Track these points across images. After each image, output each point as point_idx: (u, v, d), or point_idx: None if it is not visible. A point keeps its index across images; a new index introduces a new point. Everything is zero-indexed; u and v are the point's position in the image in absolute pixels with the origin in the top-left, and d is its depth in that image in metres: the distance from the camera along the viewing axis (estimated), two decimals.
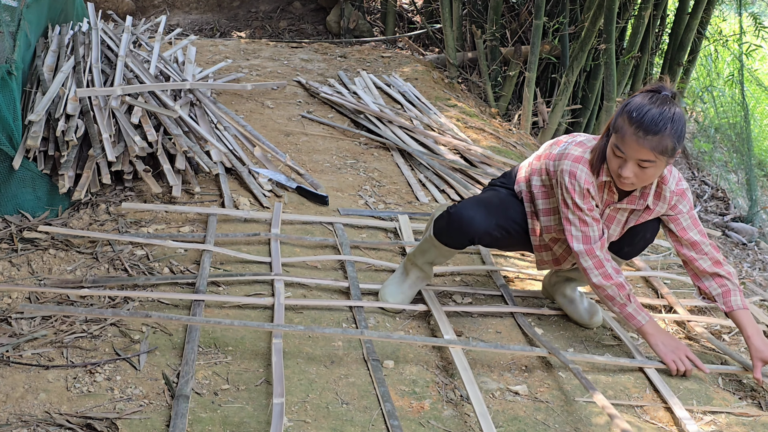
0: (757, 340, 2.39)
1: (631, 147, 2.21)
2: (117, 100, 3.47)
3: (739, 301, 2.42)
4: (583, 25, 5.51)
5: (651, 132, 2.17)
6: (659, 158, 2.21)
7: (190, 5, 7.75)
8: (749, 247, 6.07)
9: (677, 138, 2.20)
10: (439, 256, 2.62)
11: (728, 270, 2.45)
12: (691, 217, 2.44)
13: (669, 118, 2.18)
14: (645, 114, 2.18)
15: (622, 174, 2.24)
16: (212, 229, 3.10)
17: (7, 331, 2.35)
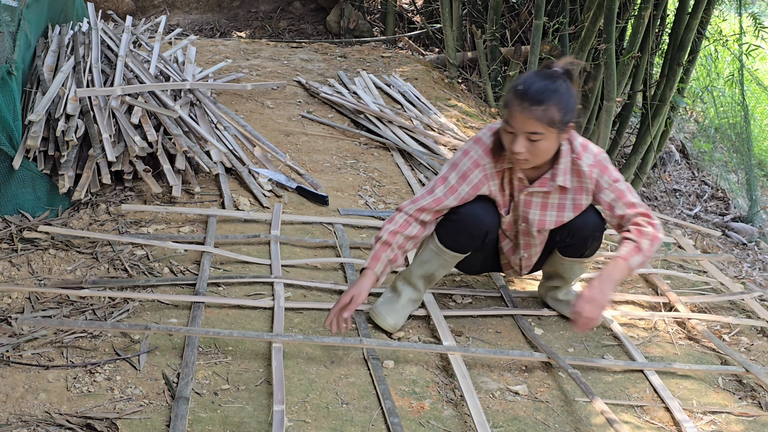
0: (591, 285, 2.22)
1: (517, 119, 2.20)
2: (117, 100, 3.47)
3: (624, 252, 2.27)
4: (583, 25, 5.51)
5: (535, 102, 2.17)
6: (548, 130, 2.20)
7: (190, 5, 7.75)
8: (749, 247, 6.07)
9: (564, 110, 2.20)
10: (441, 267, 2.55)
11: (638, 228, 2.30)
12: (615, 190, 2.36)
13: (554, 89, 2.18)
14: (530, 86, 2.19)
15: (514, 149, 2.23)
16: (212, 230, 3.10)
17: (7, 331, 2.35)
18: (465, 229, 2.45)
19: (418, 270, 2.57)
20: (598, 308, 2.18)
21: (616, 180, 2.37)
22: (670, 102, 6.07)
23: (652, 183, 7.03)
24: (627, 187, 2.38)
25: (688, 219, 6.42)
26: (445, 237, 2.48)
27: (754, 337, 2.87)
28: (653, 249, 2.28)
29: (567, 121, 2.23)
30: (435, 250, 2.52)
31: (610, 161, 2.41)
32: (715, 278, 3.30)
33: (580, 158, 2.35)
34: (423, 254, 2.56)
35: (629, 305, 2.98)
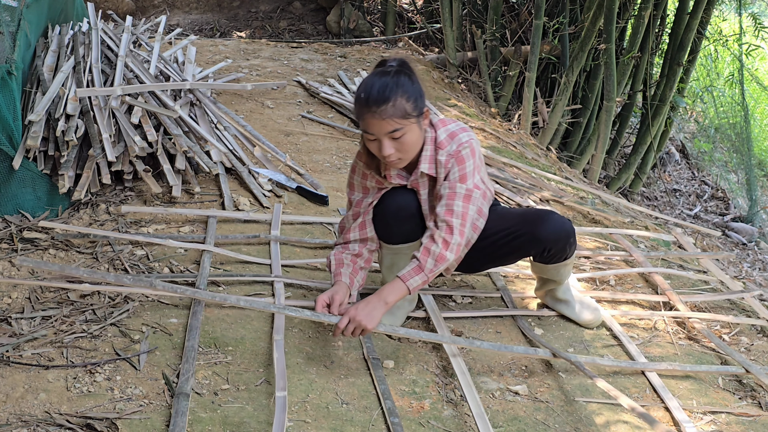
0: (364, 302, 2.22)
1: (373, 125, 2.18)
2: (117, 100, 3.47)
3: (405, 272, 2.26)
4: (583, 25, 5.51)
5: (382, 102, 2.15)
6: (405, 122, 2.18)
7: (190, 5, 7.75)
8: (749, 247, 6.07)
9: (412, 98, 2.18)
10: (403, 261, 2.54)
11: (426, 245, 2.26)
12: (452, 188, 2.29)
13: (394, 83, 2.17)
14: (371, 90, 2.17)
15: (385, 153, 2.21)
16: (212, 230, 3.10)
17: (7, 331, 2.35)
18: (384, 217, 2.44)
19: (390, 274, 2.57)
20: (358, 329, 2.20)
21: (463, 179, 2.29)
22: (670, 102, 6.08)
23: (652, 183, 7.03)
24: (465, 192, 2.29)
25: (688, 219, 6.42)
26: (380, 233, 2.49)
27: (754, 336, 2.87)
28: (437, 270, 2.26)
29: (420, 108, 2.22)
30: (385, 250, 2.54)
31: (474, 155, 2.32)
32: (715, 276, 3.30)
33: (443, 147, 2.32)
34: (384, 260, 2.57)
35: (629, 305, 2.98)
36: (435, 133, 2.33)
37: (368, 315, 2.20)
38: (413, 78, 2.23)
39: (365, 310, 2.20)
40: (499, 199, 3.91)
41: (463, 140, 2.32)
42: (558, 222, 2.49)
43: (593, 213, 3.99)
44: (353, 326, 2.20)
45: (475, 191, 2.30)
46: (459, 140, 2.32)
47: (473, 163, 2.31)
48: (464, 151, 2.31)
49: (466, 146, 2.31)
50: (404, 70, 2.24)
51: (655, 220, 4.48)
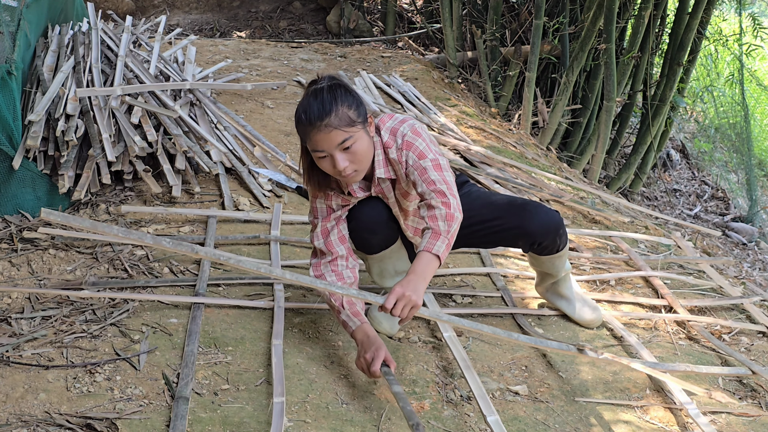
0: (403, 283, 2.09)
1: (322, 141, 2.14)
2: (117, 100, 3.47)
3: (425, 243, 2.16)
4: (583, 25, 5.51)
5: (324, 116, 2.12)
6: (352, 130, 2.15)
7: (190, 5, 7.75)
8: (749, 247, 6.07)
9: (353, 105, 2.16)
10: (390, 264, 2.54)
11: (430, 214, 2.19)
12: (418, 168, 2.23)
13: (331, 97, 2.14)
14: (310, 108, 2.14)
15: (339, 167, 2.16)
16: (212, 230, 3.10)
17: (7, 331, 2.35)
18: (359, 232, 2.43)
19: (381, 280, 2.57)
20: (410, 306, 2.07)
21: (422, 156, 2.24)
22: (670, 102, 6.08)
23: (652, 183, 7.03)
24: (432, 164, 2.23)
25: (688, 219, 6.42)
26: (359, 247, 2.47)
27: (754, 337, 2.87)
28: (452, 230, 2.17)
29: (363, 114, 2.19)
30: (370, 261, 2.52)
31: (420, 134, 2.28)
32: (715, 281, 3.29)
33: (390, 146, 2.28)
34: (372, 269, 2.56)
35: (629, 306, 2.98)
36: (380, 136, 2.30)
37: (415, 291, 2.07)
38: (349, 88, 2.20)
39: (410, 287, 2.07)
40: None
41: (405, 131, 2.28)
42: (546, 215, 2.47)
43: (593, 213, 3.99)
44: (403, 304, 2.05)
45: (440, 158, 2.26)
46: (401, 133, 2.28)
47: (422, 141, 2.26)
48: (409, 137, 2.26)
49: (408, 133, 2.27)
50: (336, 83, 2.20)
51: (655, 220, 4.48)
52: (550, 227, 2.46)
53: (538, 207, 2.49)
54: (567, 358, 2.53)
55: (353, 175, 2.21)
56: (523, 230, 2.46)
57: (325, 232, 2.38)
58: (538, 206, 2.49)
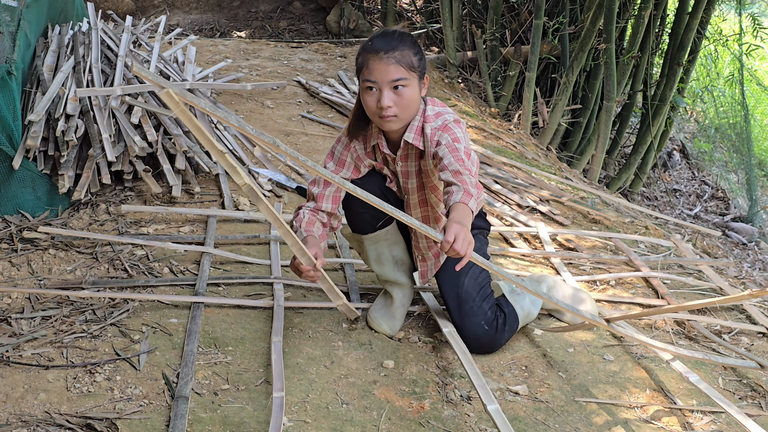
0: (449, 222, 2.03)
1: (378, 70, 2.20)
2: (117, 100, 3.47)
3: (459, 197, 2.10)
4: (583, 25, 5.52)
5: (390, 49, 2.19)
6: (410, 74, 2.21)
7: (190, 5, 7.75)
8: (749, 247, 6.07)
9: (418, 53, 2.23)
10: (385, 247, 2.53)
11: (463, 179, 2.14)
12: (450, 147, 2.22)
13: (399, 35, 2.23)
14: (377, 38, 2.23)
15: (383, 104, 2.20)
16: (212, 230, 3.10)
17: (7, 331, 2.35)
18: (352, 206, 2.45)
19: (379, 267, 2.55)
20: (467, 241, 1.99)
21: (456, 140, 2.25)
22: (670, 102, 6.08)
23: (652, 183, 7.03)
24: (465, 151, 2.23)
25: (688, 219, 6.42)
26: (354, 226, 2.50)
27: (754, 337, 2.87)
28: (479, 198, 2.13)
29: (423, 68, 2.25)
30: (367, 243, 2.51)
31: (460, 126, 2.32)
32: (714, 283, 3.29)
33: (429, 121, 2.32)
34: (369, 254, 2.54)
35: (629, 305, 2.98)
36: (425, 107, 2.35)
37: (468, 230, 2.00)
38: (418, 43, 2.27)
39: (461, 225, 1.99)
40: (498, 199, 3.92)
41: (449, 118, 2.32)
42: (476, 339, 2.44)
43: (593, 213, 3.99)
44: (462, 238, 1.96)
45: (471, 152, 2.29)
46: (444, 118, 2.32)
47: (460, 130, 2.29)
48: (450, 124, 2.30)
49: (451, 121, 2.31)
50: (409, 32, 2.29)
51: (655, 220, 4.48)
52: (480, 347, 2.47)
53: (476, 329, 2.44)
54: (566, 358, 2.54)
55: (392, 120, 2.25)
56: (458, 333, 2.46)
57: (327, 182, 2.40)
58: (475, 327, 2.44)
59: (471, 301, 2.45)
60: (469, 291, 2.45)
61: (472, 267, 2.47)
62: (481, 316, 2.45)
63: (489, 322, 2.46)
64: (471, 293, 2.45)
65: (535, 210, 3.85)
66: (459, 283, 2.46)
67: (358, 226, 2.50)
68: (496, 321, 2.48)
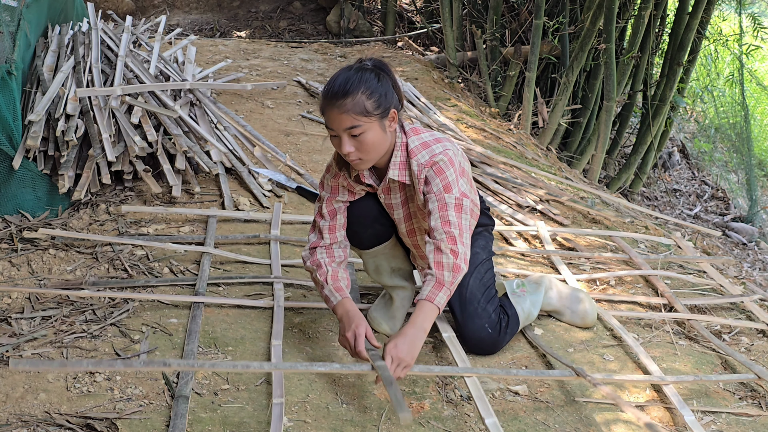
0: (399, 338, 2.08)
1: (332, 119, 2.13)
2: (117, 100, 3.47)
3: (427, 292, 2.15)
4: (583, 25, 5.51)
5: (341, 96, 2.10)
6: (364, 120, 2.12)
7: (190, 5, 7.75)
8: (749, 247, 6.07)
9: (375, 95, 2.12)
10: (384, 261, 2.53)
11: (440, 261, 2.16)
12: (440, 200, 2.20)
13: (358, 79, 2.12)
14: (333, 82, 2.14)
15: (344, 152, 2.15)
16: (212, 230, 3.10)
17: (7, 331, 2.35)
18: (350, 226, 2.43)
19: (378, 276, 2.56)
20: (402, 367, 2.06)
21: (448, 189, 2.20)
22: (670, 102, 6.08)
23: (652, 183, 7.03)
24: (455, 202, 2.20)
25: (688, 219, 6.42)
26: (352, 242, 2.47)
27: (754, 336, 2.87)
28: (455, 281, 2.17)
29: (384, 107, 2.15)
30: (365, 256, 2.52)
31: (453, 164, 2.23)
32: (715, 281, 3.29)
33: (413, 156, 2.24)
34: (368, 265, 2.55)
35: (629, 305, 2.98)
36: (406, 140, 2.27)
37: (410, 352, 2.07)
38: (382, 77, 2.17)
39: (405, 346, 2.06)
40: (498, 199, 3.92)
41: (437, 151, 2.23)
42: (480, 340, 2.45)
43: (593, 213, 3.99)
44: (396, 365, 2.03)
45: (465, 200, 2.22)
46: (432, 151, 2.23)
47: (454, 172, 2.23)
48: (442, 163, 2.22)
49: (440, 156, 2.22)
50: (375, 68, 2.18)
51: (655, 220, 4.48)
52: (481, 349, 2.48)
53: (479, 331, 2.44)
54: (566, 358, 2.53)
55: (357, 162, 2.21)
56: (459, 333, 2.48)
57: (332, 212, 2.37)
58: (479, 330, 2.44)
59: (475, 302, 2.44)
60: (474, 292, 2.44)
61: (477, 266, 2.47)
62: (485, 318, 2.44)
63: (492, 325, 2.46)
64: (476, 294, 2.44)
65: (534, 210, 3.85)
66: (464, 283, 2.44)
67: (356, 242, 2.49)
68: (499, 324, 2.48)
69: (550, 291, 2.72)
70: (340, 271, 2.35)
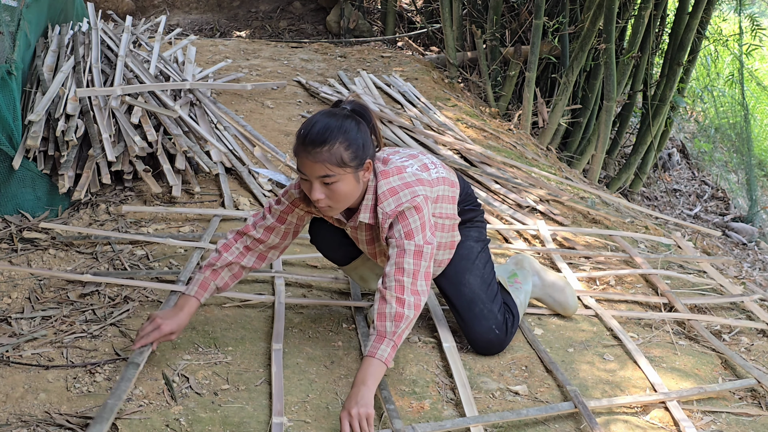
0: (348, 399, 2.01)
1: (306, 165, 2.08)
2: (117, 100, 3.47)
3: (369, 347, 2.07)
4: (583, 25, 5.51)
5: (318, 144, 2.04)
6: (339, 171, 2.07)
7: (190, 5, 7.75)
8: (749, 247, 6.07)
9: (353, 147, 2.07)
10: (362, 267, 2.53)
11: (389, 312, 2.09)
12: (400, 245, 2.14)
13: (337, 127, 2.06)
14: (311, 128, 2.07)
15: (313, 198, 2.11)
16: (212, 228, 3.10)
17: (7, 331, 2.35)
18: (320, 248, 2.50)
19: (365, 284, 2.57)
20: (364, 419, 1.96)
21: (409, 236, 2.15)
22: (670, 102, 6.08)
23: (652, 183, 7.03)
24: (415, 249, 2.14)
25: (688, 219, 6.42)
26: (328, 258, 2.52)
27: (754, 336, 2.87)
28: (400, 330, 2.08)
29: (361, 159, 2.10)
30: (345, 270, 2.55)
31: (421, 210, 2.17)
32: (715, 281, 3.29)
33: (380, 203, 2.18)
34: (352, 277, 2.59)
35: (629, 304, 2.98)
36: (377, 183, 2.21)
37: (364, 404, 1.97)
38: (362, 126, 2.13)
39: (356, 402, 1.97)
40: (498, 198, 3.92)
41: (404, 200, 2.17)
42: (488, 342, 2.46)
43: (593, 213, 3.99)
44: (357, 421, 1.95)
45: (426, 247, 2.16)
46: (399, 199, 2.17)
47: (418, 219, 2.17)
48: (406, 210, 2.16)
49: (406, 205, 2.16)
50: (356, 115, 2.14)
51: (655, 220, 4.48)
52: (490, 351, 2.49)
53: (487, 334, 2.44)
54: (566, 358, 2.54)
55: (326, 209, 2.17)
56: (465, 334, 2.49)
57: (281, 219, 2.33)
58: (487, 332, 2.44)
59: (480, 303, 2.43)
60: (477, 291, 2.43)
61: (475, 261, 2.46)
62: (492, 319, 2.44)
63: (499, 326, 2.45)
64: (479, 294, 2.43)
65: (534, 210, 3.85)
66: (464, 282, 2.44)
67: (333, 260, 2.52)
68: (505, 324, 2.48)
69: (534, 277, 2.73)
70: (227, 271, 2.31)
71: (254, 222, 2.36)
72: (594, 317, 2.83)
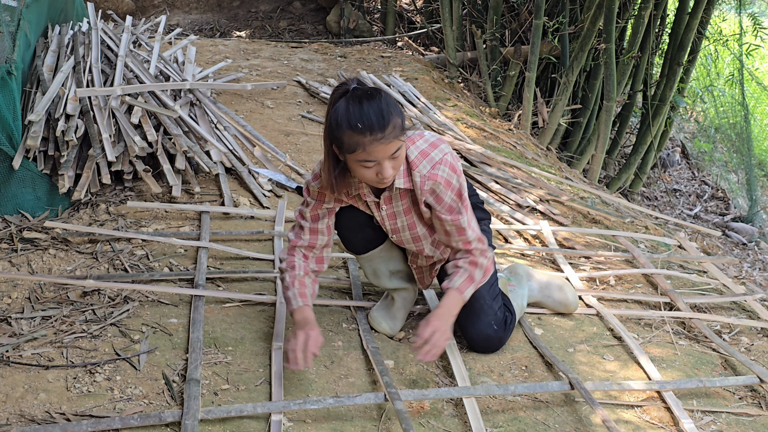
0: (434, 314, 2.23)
1: (378, 150, 2.07)
2: (117, 100, 3.47)
3: (456, 282, 2.28)
4: (583, 25, 5.51)
5: (384, 127, 2.04)
6: (403, 138, 2.11)
7: (190, 5, 7.75)
8: (749, 247, 6.07)
9: (400, 112, 2.11)
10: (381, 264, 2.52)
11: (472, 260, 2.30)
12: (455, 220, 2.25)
13: (385, 104, 2.07)
14: (369, 117, 2.05)
15: (386, 174, 2.11)
16: (206, 225, 3.10)
17: (7, 331, 2.35)
18: (341, 232, 2.45)
19: (376, 280, 2.56)
20: (442, 339, 2.17)
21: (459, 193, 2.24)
22: (670, 102, 6.08)
23: (652, 183, 7.03)
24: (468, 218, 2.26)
25: (688, 219, 6.42)
26: (346, 247, 2.51)
27: (755, 336, 2.87)
28: (484, 280, 2.34)
29: (404, 119, 2.15)
30: (362, 261, 2.53)
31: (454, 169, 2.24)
32: (717, 280, 3.29)
33: (415, 167, 2.22)
34: (365, 270, 2.55)
35: (629, 304, 2.98)
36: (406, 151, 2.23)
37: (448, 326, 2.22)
38: (385, 92, 2.16)
39: (442, 321, 2.21)
40: (498, 198, 3.92)
41: (437, 159, 2.22)
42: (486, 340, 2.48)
43: (593, 213, 3.99)
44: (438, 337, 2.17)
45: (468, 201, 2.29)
46: (432, 160, 2.22)
47: (457, 179, 2.24)
48: (444, 173, 2.22)
49: (442, 166, 2.22)
50: (377, 88, 2.14)
51: (656, 220, 4.48)
52: (488, 347, 2.50)
53: (486, 329, 2.46)
54: (566, 358, 2.54)
55: (389, 180, 2.16)
56: (463, 331, 2.50)
57: (315, 216, 2.34)
58: (486, 328, 2.46)
59: (481, 300, 2.44)
60: (480, 289, 2.43)
61: None
62: (491, 316, 2.45)
63: (498, 323, 2.47)
64: (481, 292, 2.44)
65: (535, 210, 3.85)
66: None
67: (350, 248, 2.50)
68: (504, 322, 2.49)
69: (530, 282, 2.74)
70: (307, 279, 2.34)
71: (296, 234, 2.38)
72: (595, 316, 2.83)
